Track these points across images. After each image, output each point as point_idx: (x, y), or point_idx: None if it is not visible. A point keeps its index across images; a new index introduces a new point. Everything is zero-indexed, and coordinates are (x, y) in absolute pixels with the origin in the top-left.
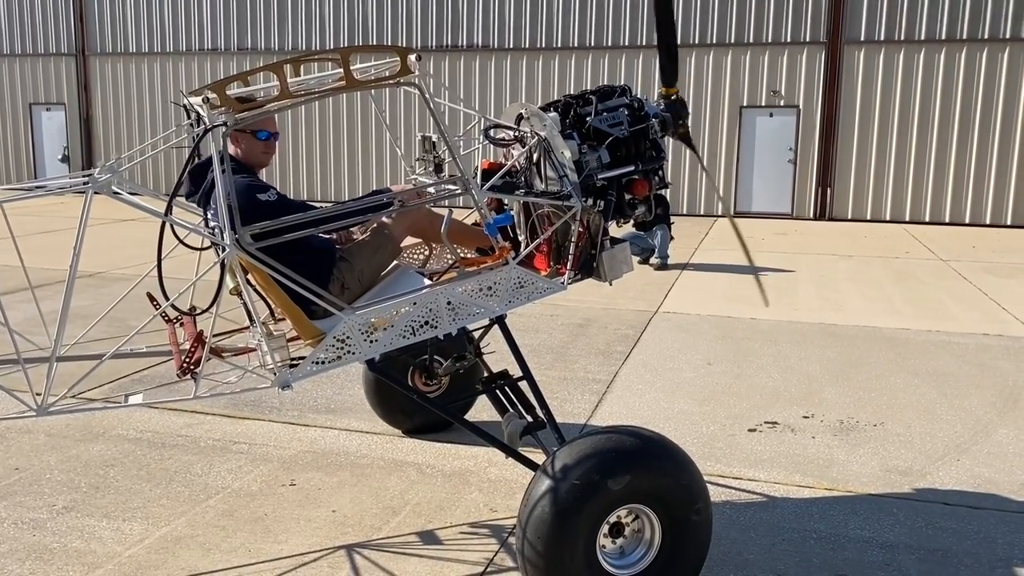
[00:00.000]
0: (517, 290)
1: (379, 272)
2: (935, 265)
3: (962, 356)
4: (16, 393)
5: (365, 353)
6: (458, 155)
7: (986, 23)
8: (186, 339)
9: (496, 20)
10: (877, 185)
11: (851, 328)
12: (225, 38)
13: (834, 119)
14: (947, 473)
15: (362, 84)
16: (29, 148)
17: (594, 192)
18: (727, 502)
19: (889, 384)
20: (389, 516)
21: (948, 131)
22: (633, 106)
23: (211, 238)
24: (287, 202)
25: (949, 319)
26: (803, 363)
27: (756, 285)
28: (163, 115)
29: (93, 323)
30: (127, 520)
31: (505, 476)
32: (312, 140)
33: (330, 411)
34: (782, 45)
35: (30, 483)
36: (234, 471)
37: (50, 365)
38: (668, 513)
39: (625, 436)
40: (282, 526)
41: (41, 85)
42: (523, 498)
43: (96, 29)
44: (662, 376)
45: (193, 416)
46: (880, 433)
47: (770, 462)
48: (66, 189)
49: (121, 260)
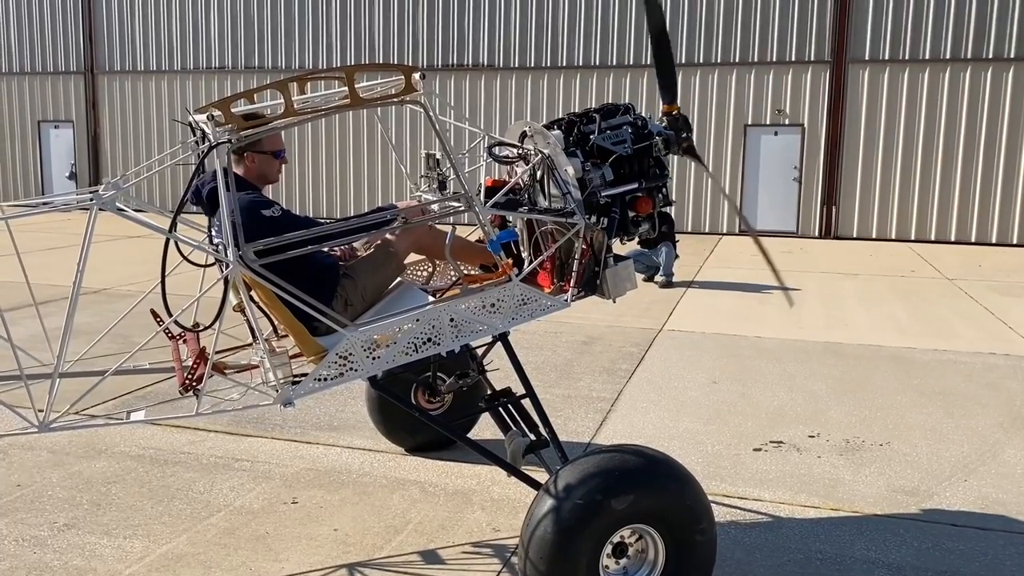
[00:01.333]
0: (520, 307)
1: (382, 289)
2: (941, 284)
3: (969, 375)
4: (18, 409)
5: (368, 370)
6: (462, 172)
7: (991, 43)
8: (189, 356)
9: (500, 39)
10: (882, 203)
11: (857, 347)
12: (232, 57)
13: (839, 138)
14: (954, 493)
15: (367, 102)
16: (37, 165)
17: (598, 209)
18: (732, 522)
19: (895, 403)
20: (391, 535)
21: (953, 150)
22: (637, 124)
23: (215, 255)
24: (291, 218)
25: (955, 338)
26: (808, 382)
27: (778, 284)
28: (170, 133)
29: (96, 339)
30: (128, 538)
31: (508, 495)
32: (318, 157)
33: (333, 428)
34: (787, 64)
35: (32, 500)
36: (236, 488)
37: (53, 381)
38: (672, 533)
39: (629, 455)
40: (283, 544)
41: (50, 102)
42: (526, 517)
43: (105, 47)
44: (667, 394)
45: (195, 433)
46: (886, 453)
47: (775, 482)
48: (72, 206)
49: (125, 277)
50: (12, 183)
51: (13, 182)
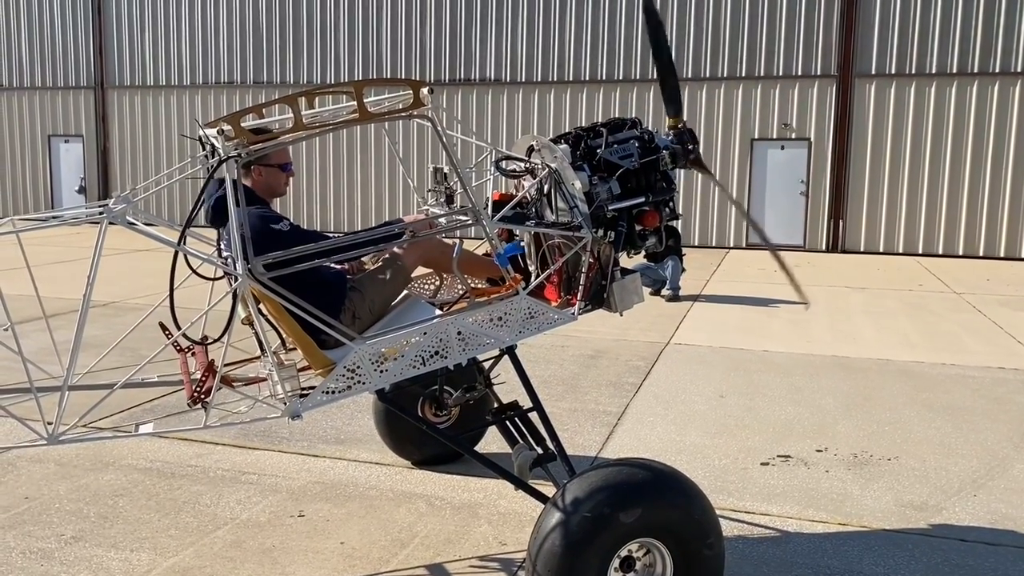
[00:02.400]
0: (527, 320)
1: (390, 302)
2: (949, 298)
3: (977, 390)
4: (28, 422)
5: (375, 383)
6: (469, 186)
7: (997, 56)
8: (197, 369)
9: (508, 54)
10: (889, 217)
11: (864, 361)
12: (241, 72)
13: (846, 152)
14: (963, 509)
15: (375, 116)
16: (47, 179)
17: (605, 223)
18: (739, 537)
19: (903, 418)
20: (397, 549)
21: (960, 163)
22: (643, 138)
23: (224, 268)
24: (300, 232)
25: (963, 352)
26: (816, 396)
27: (795, 291)
28: (179, 147)
29: (105, 352)
30: (135, 550)
31: (515, 509)
32: (326, 171)
33: (340, 442)
34: (793, 78)
35: (39, 512)
36: (243, 502)
37: (62, 394)
38: (680, 547)
39: (636, 469)
40: (290, 558)
41: (60, 117)
42: (533, 531)
43: (114, 62)
44: (674, 408)
45: (203, 446)
46: (895, 467)
47: (783, 496)
48: (81, 219)
49: (133, 290)
50: (23, 197)
51: (23, 196)
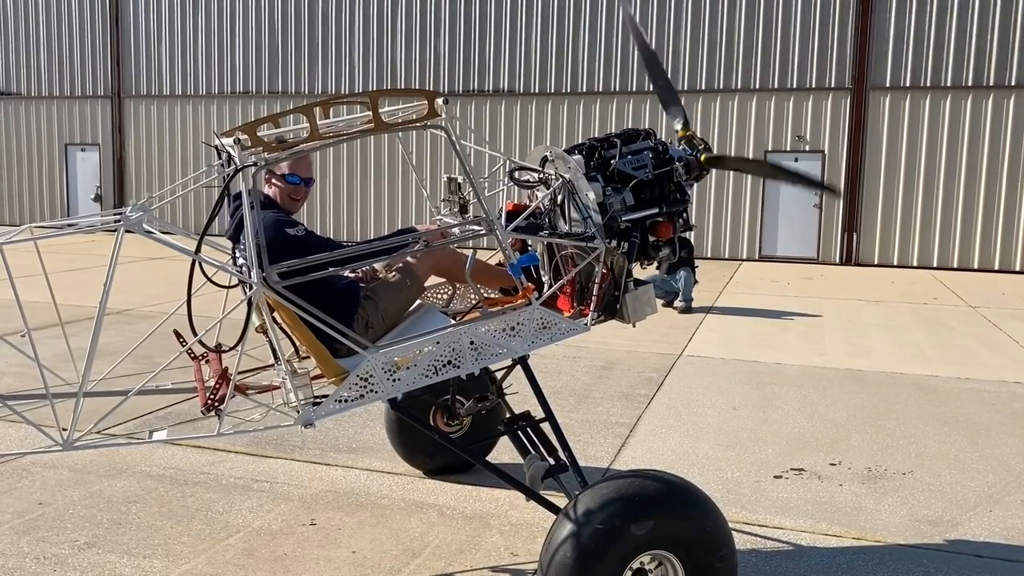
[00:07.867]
0: (540, 331)
1: (403, 311)
2: (964, 311)
3: (993, 404)
4: (43, 428)
5: (388, 392)
6: (483, 196)
7: (1013, 69)
8: (211, 376)
9: (522, 65)
10: (904, 230)
11: (878, 374)
12: (256, 81)
13: (860, 164)
14: (979, 524)
15: (390, 126)
16: (63, 187)
17: (618, 234)
18: (752, 550)
19: (918, 432)
20: (409, 558)
21: (976, 176)
22: (657, 149)
23: (239, 276)
24: (315, 239)
25: (979, 366)
26: (830, 409)
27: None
28: (194, 156)
29: (120, 359)
30: (147, 557)
31: (526, 519)
32: (340, 180)
33: (352, 450)
34: (807, 91)
35: (53, 518)
36: (255, 509)
37: (77, 400)
38: (692, 560)
39: (649, 480)
40: (302, 566)
41: (76, 126)
42: (545, 542)
43: (131, 72)
44: (686, 420)
45: (215, 454)
46: (909, 482)
47: (796, 510)
48: (97, 227)
49: (149, 298)
50: (39, 205)
51: (40, 204)
